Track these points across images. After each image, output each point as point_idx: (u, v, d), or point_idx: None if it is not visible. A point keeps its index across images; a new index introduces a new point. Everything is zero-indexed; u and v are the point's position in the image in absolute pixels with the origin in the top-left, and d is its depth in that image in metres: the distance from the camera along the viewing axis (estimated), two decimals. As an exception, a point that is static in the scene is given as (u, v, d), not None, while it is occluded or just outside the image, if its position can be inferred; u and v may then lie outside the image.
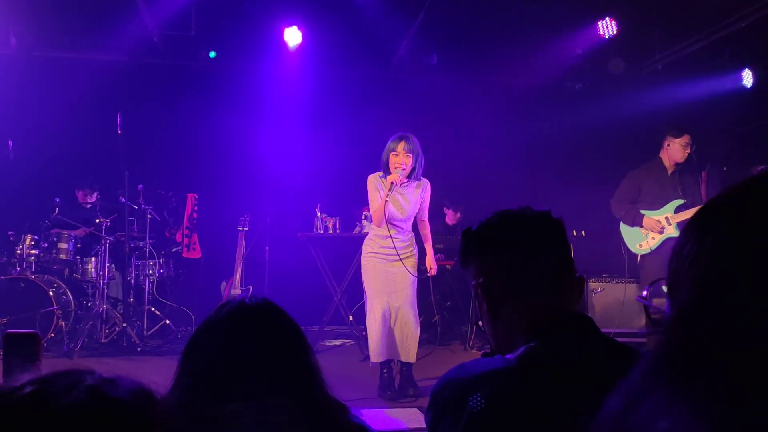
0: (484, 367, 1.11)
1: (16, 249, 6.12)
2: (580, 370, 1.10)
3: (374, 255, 4.64)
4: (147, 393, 0.65)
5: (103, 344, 6.08)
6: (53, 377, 0.61)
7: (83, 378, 0.61)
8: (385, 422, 3.69)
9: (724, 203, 0.59)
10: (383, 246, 4.61)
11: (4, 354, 1.34)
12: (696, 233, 0.59)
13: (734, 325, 0.49)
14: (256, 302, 1.40)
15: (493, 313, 1.27)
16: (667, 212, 5.23)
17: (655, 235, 5.24)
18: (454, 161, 7.71)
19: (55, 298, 5.86)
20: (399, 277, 4.57)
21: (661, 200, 5.26)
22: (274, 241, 7.18)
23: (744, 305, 0.49)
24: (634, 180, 5.44)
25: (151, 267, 6.65)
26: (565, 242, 1.31)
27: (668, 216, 5.21)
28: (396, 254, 4.56)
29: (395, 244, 4.56)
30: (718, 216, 0.58)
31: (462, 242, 1.39)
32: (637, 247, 5.36)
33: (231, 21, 6.95)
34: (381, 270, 4.59)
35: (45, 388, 0.60)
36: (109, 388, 0.61)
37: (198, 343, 1.38)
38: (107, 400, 0.60)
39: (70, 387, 0.59)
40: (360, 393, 4.49)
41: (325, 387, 1.35)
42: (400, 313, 4.52)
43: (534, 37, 6.79)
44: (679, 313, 0.56)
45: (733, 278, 0.52)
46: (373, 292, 4.59)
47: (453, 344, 6.60)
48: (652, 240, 5.25)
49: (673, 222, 5.19)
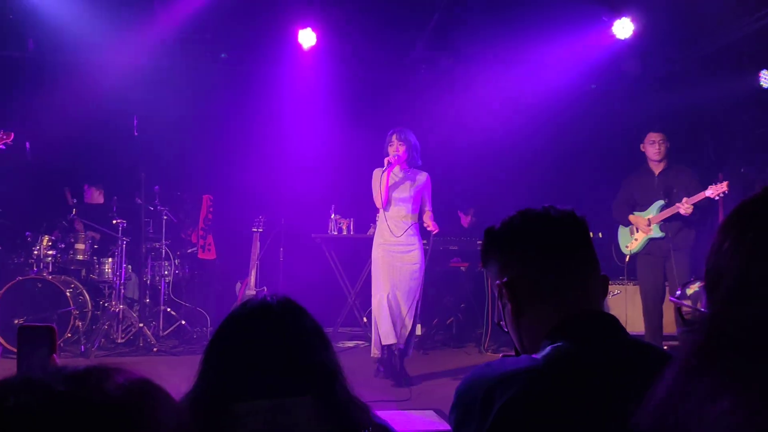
0: (511, 367, 1.10)
1: (34, 250, 6.18)
2: (607, 370, 1.09)
3: (381, 245, 5.07)
4: (141, 388, 0.63)
5: (120, 344, 6.12)
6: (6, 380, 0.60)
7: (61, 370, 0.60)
8: (401, 423, 3.69)
9: (762, 201, 0.60)
10: (388, 238, 5.04)
11: (18, 347, 1.32)
12: (734, 231, 0.59)
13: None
14: (277, 300, 1.40)
15: (517, 313, 1.26)
16: (650, 213, 5.33)
17: (639, 236, 5.37)
18: (468, 162, 7.70)
19: (72, 298, 5.91)
20: (402, 269, 5.00)
21: (647, 202, 5.38)
22: (289, 242, 7.20)
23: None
24: (625, 186, 5.59)
25: (166, 268, 6.70)
26: (589, 241, 1.30)
27: (650, 217, 5.31)
28: (401, 245, 5.01)
29: (400, 234, 5.01)
30: (756, 213, 0.59)
31: (484, 241, 1.37)
32: (625, 248, 5.54)
33: (246, 23, 6.98)
34: (386, 262, 5.02)
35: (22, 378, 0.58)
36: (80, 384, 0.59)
37: (220, 340, 1.38)
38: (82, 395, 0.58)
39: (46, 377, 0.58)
40: (374, 395, 4.48)
41: (347, 386, 1.35)
42: (399, 303, 4.94)
43: (550, 37, 6.76)
44: (721, 307, 0.56)
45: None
46: (377, 284, 5.02)
47: (468, 346, 6.58)
48: (635, 242, 5.39)
49: (653, 223, 5.28)
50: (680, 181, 5.27)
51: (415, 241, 5.09)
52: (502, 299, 1.29)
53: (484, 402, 1.06)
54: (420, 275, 5.04)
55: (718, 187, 4.96)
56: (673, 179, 5.30)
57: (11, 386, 0.57)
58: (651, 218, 5.29)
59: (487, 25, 6.79)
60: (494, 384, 1.07)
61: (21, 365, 1.30)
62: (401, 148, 5.07)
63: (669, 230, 5.22)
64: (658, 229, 5.26)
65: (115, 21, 6.61)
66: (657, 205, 5.30)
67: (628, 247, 5.47)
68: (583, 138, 7.80)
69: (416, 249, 5.07)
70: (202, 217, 7.17)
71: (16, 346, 1.34)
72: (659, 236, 5.25)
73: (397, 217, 5.06)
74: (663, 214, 5.23)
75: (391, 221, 5.03)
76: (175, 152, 7.46)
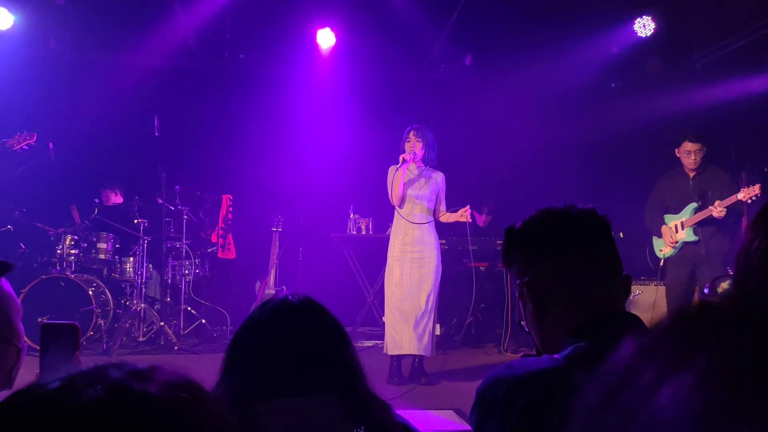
0: (533, 367, 1.09)
1: (57, 249, 6.26)
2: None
3: (398, 247, 5.04)
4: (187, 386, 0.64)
5: (141, 342, 6.18)
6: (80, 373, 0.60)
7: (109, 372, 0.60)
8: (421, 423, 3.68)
9: None
10: (404, 237, 5.02)
11: (41, 345, 1.32)
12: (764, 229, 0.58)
13: None
14: (298, 299, 1.40)
15: (538, 313, 1.25)
16: (683, 216, 5.23)
17: (670, 244, 5.28)
18: (487, 162, 7.67)
19: (94, 297, 5.98)
20: (416, 270, 4.94)
21: (681, 204, 5.27)
22: (308, 241, 7.22)
23: None
24: (658, 188, 5.50)
25: (187, 267, 6.75)
26: (611, 240, 1.29)
27: (683, 220, 5.21)
28: (416, 244, 4.98)
29: (415, 233, 4.98)
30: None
31: (505, 240, 1.37)
32: (659, 252, 5.45)
33: (265, 24, 7.02)
34: (401, 265, 4.99)
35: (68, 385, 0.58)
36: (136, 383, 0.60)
37: (242, 340, 1.39)
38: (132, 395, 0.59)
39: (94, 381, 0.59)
40: (392, 393, 4.48)
41: (369, 385, 1.35)
42: (414, 308, 4.90)
43: (570, 35, 6.72)
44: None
45: None
46: (390, 285, 5.04)
47: (487, 346, 6.56)
48: (671, 245, 5.29)
49: (687, 226, 5.18)
50: (714, 183, 5.15)
51: (431, 240, 5.03)
52: (524, 299, 1.28)
53: (506, 402, 1.06)
54: (435, 275, 4.98)
55: (750, 190, 4.84)
56: (707, 182, 5.17)
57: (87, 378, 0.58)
58: (684, 221, 5.19)
59: (506, 24, 6.77)
60: (516, 384, 1.07)
61: (44, 363, 1.31)
62: (418, 145, 5.00)
63: (702, 234, 5.11)
64: (691, 233, 5.16)
65: (135, 22, 6.69)
66: (690, 207, 5.19)
67: (662, 251, 5.37)
68: (603, 137, 7.73)
69: (431, 248, 5.01)
70: (222, 216, 7.21)
71: (39, 343, 1.33)
72: (692, 240, 5.15)
73: (413, 215, 5.02)
74: (696, 217, 5.12)
75: (408, 219, 4.99)
76: (195, 152, 7.52)
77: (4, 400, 0.58)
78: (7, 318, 1.28)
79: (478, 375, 5.03)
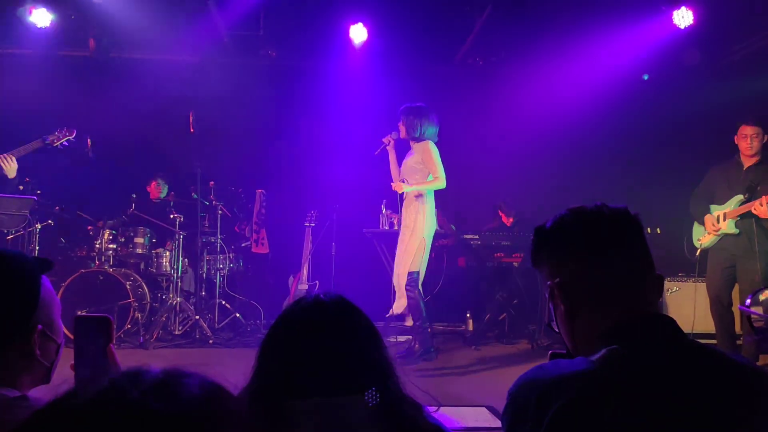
0: (566, 370, 1.08)
1: (95, 243, 6.38)
2: (664, 374, 1.06)
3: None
4: (214, 394, 0.65)
5: (177, 336, 6.28)
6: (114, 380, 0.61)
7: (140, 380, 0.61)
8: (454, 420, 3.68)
9: None
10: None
11: (75, 337, 1.33)
12: None
13: None
14: (331, 298, 1.41)
15: (569, 315, 1.23)
16: (727, 207, 5.07)
17: (712, 231, 5.13)
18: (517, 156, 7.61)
19: (131, 290, 6.09)
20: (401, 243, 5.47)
21: (727, 195, 5.11)
22: (341, 236, 7.24)
23: None
24: (709, 176, 5.31)
25: (221, 261, 6.83)
26: (643, 240, 1.27)
27: (726, 212, 5.06)
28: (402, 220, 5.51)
29: (403, 203, 5.48)
30: None
31: (534, 240, 1.34)
32: (696, 242, 5.30)
33: (298, 20, 7.04)
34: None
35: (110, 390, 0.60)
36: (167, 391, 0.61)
37: (274, 338, 1.39)
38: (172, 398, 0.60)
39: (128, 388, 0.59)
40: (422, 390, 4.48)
41: (401, 384, 1.34)
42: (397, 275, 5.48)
43: (605, 27, 6.61)
44: None
45: None
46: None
47: (520, 342, 6.51)
48: (708, 236, 5.16)
49: (729, 218, 5.02)
50: (767, 178, 4.97)
51: (413, 215, 5.44)
52: (555, 300, 1.26)
53: (539, 405, 1.04)
54: (409, 244, 5.42)
55: None
56: (760, 176, 4.98)
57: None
58: (727, 212, 5.04)
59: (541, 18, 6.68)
60: (549, 387, 1.05)
61: (78, 355, 1.33)
62: (401, 127, 5.56)
63: (745, 228, 4.95)
64: (732, 225, 5.00)
65: (172, 20, 6.77)
66: (736, 199, 5.03)
67: (701, 240, 5.23)
68: (636, 132, 7.60)
69: (412, 222, 5.43)
70: (256, 211, 7.28)
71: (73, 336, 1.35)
72: (733, 232, 5.00)
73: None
74: (739, 209, 4.97)
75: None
76: (229, 148, 7.60)
77: (40, 410, 0.59)
78: (49, 316, 1.31)
79: (511, 372, 5.01)
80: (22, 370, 1.26)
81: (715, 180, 5.22)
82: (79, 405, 0.58)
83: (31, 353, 1.27)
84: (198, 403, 0.61)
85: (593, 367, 1.08)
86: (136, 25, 6.83)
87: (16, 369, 1.26)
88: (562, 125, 7.48)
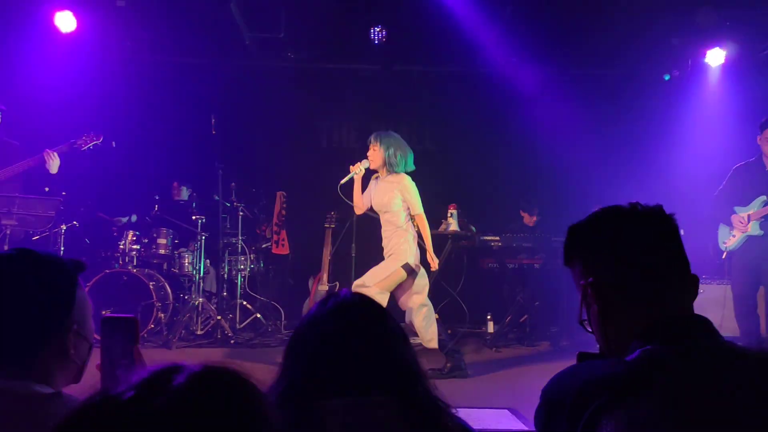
0: (601, 371, 1.06)
1: (119, 244, 6.45)
2: (700, 375, 1.04)
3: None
4: (245, 388, 0.65)
5: (199, 336, 6.32)
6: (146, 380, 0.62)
7: (172, 378, 0.62)
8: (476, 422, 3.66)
9: None
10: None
11: (101, 338, 1.34)
12: None
13: None
14: (358, 299, 1.40)
15: (603, 315, 1.21)
16: (751, 209, 5.01)
17: (736, 233, 5.07)
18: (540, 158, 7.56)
19: (155, 291, 6.15)
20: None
21: (751, 196, 5.05)
22: (360, 238, 7.24)
23: None
24: (733, 175, 5.24)
25: (242, 262, 6.86)
26: (678, 239, 1.25)
27: (750, 213, 4.99)
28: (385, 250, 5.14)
29: (383, 235, 5.15)
30: None
31: (567, 238, 1.32)
32: (722, 244, 5.24)
33: (318, 22, 7.06)
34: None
35: (140, 392, 0.60)
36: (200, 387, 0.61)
37: (302, 338, 1.39)
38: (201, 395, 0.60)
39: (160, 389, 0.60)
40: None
41: (429, 386, 1.34)
42: None
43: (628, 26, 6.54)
44: None
45: None
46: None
47: (541, 344, 6.47)
48: (733, 238, 5.10)
49: (753, 219, 4.97)
50: None
51: (395, 245, 5.18)
52: (588, 300, 1.24)
53: (575, 406, 1.03)
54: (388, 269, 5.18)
55: None
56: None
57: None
58: (751, 214, 4.98)
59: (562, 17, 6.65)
60: (585, 388, 1.04)
61: (104, 355, 1.34)
62: (374, 152, 5.24)
63: None
64: (757, 227, 4.95)
65: (192, 23, 6.82)
66: (760, 200, 4.98)
67: (726, 243, 5.17)
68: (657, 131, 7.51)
69: (395, 252, 5.15)
70: (277, 213, 7.31)
71: (100, 336, 1.36)
72: (757, 234, 4.94)
73: (383, 222, 5.29)
74: (763, 210, 4.92)
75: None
76: (250, 149, 7.64)
77: (77, 408, 0.60)
78: (83, 316, 1.33)
79: (532, 374, 4.98)
80: (57, 368, 1.29)
81: (739, 179, 5.16)
82: (122, 402, 0.59)
83: (66, 352, 1.29)
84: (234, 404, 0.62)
85: (629, 368, 1.06)
86: (158, 28, 6.90)
87: (52, 367, 1.28)
88: (586, 124, 7.42)
